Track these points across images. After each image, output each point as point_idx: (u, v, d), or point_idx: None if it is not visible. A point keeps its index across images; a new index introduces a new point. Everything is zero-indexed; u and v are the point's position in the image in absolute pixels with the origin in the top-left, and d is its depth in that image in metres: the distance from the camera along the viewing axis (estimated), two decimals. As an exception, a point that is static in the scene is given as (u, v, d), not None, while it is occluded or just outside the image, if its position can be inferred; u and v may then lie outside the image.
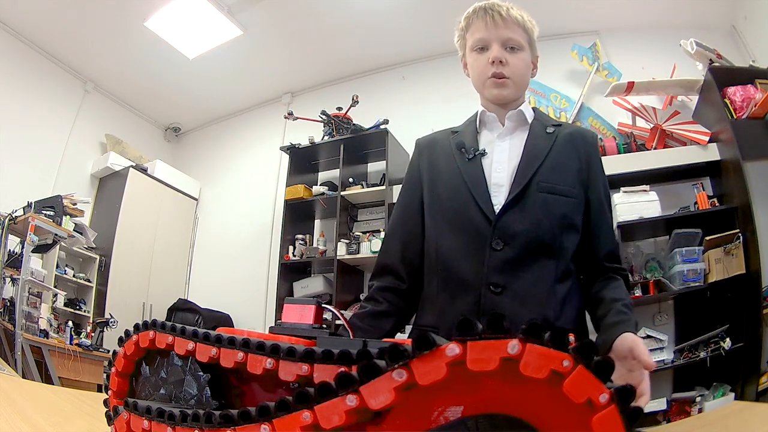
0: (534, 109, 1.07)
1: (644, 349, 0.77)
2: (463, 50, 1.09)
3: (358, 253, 3.32)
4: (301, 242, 3.70)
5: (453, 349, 0.32)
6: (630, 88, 3.05)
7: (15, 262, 2.92)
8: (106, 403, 0.54)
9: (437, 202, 1.02)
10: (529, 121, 1.04)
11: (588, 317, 0.99)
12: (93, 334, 3.31)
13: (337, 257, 3.35)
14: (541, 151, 0.98)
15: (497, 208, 0.94)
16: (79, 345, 3.10)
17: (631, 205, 2.77)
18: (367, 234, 3.41)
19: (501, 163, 0.99)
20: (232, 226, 4.40)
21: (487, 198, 0.95)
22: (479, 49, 1.03)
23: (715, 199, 2.78)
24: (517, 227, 0.92)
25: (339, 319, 0.59)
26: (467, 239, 0.95)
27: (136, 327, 0.53)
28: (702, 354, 2.45)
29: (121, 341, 0.54)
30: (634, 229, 2.81)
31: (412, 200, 1.07)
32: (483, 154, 1.00)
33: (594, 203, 0.99)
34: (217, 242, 4.44)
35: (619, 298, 0.91)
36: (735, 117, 2.65)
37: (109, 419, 0.51)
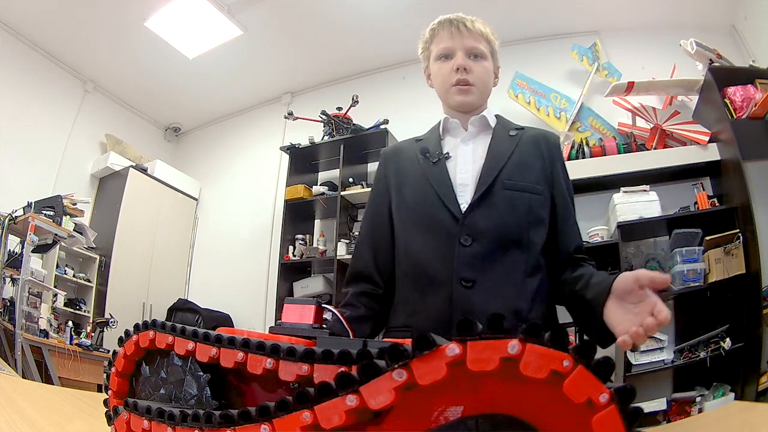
0: (497, 115, 1.10)
1: (647, 271, 0.73)
2: (427, 62, 1.12)
3: (358, 253, 3.32)
4: (301, 242, 3.70)
5: (453, 349, 0.32)
6: (630, 88, 3.04)
7: (15, 262, 2.92)
8: (106, 403, 0.54)
9: (405, 206, 1.04)
10: (492, 125, 1.06)
11: (561, 313, 0.98)
12: (93, 334, 3.31)
13: (337, 257, 3.35)
14: (504, 151, 1.01)
15: (464, 207, 0.96)
16: (79, 345, 3.10)
17: (631, 205, 2.76)
18: (367, 234, 3.41)
19: (465, 165, 1.01)
20: (232, 226, 4.40)
21: (453, 198, 0.97)
22: (444, 58, 1.06)
23: (715, 199, 2.78)
24: (484, 224, 0.94)
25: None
26: (436, 238, 0.96)
27: (136, 327, 0.53)
28: (702, 354, 2.45)
29: (121, 341, 0.54)
30: (634, 229, 2.80)
31: (381, 208, 1.08)
32: (447, 157, 1.02)
33: (559, 200, 1.01)
34: (217, 242, 4.44)
35: (598, 272, 0.91)
36: (735, 117, 2.65)
37: (109, 419, 0.51)
